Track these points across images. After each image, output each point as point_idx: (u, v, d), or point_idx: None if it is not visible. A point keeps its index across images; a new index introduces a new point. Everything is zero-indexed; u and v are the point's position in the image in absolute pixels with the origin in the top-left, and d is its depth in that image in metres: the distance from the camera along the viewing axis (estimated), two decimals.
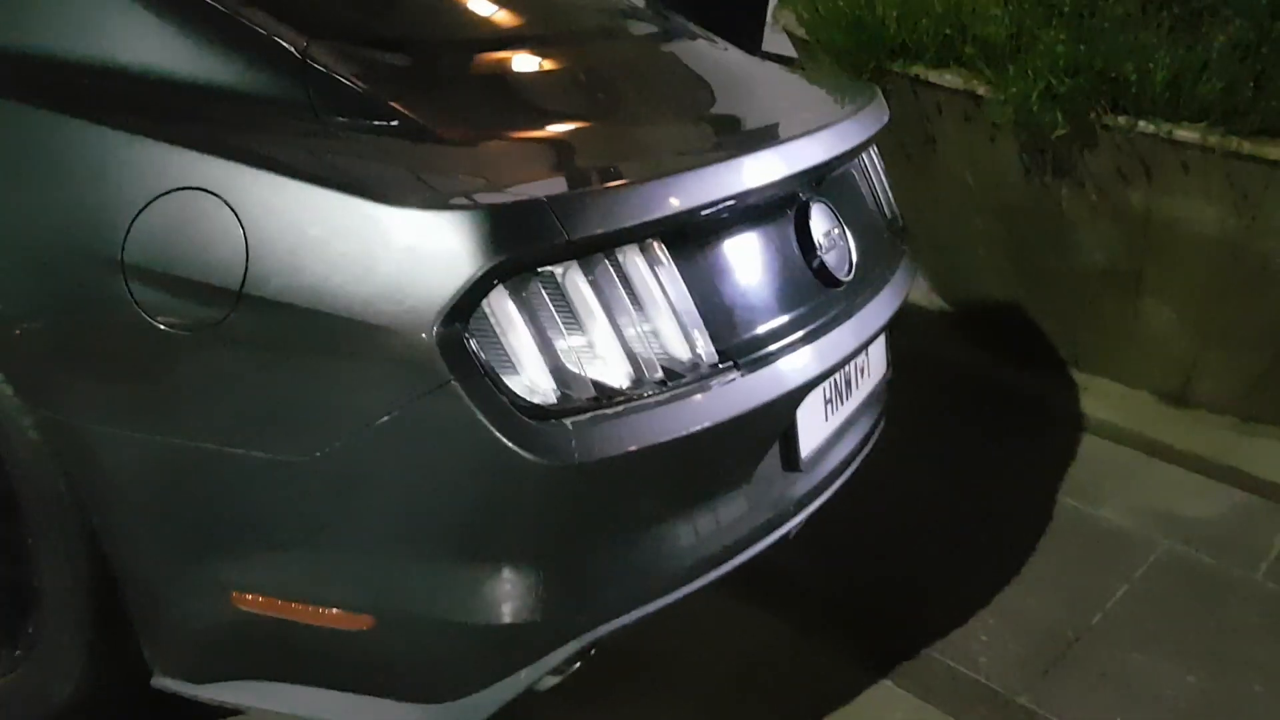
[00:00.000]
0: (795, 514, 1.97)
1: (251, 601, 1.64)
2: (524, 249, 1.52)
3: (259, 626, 1.65)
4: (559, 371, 1.56)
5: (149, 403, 1.61)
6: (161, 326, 1.55)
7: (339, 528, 1.59)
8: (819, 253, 2.01)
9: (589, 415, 1.57)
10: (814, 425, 2.00)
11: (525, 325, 1.53)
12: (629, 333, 1.63)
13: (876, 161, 2.50)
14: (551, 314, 1.56)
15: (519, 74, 2.04)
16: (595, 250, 1.61)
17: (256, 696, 1.72)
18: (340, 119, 1.68)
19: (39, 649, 1.79)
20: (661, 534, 1.72)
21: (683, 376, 1.68)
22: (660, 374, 1.65)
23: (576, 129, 1.90)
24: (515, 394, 1.52)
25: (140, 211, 1.56)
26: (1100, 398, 3.63)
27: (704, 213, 1.75)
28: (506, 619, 1.58)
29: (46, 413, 1.64)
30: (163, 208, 1.56)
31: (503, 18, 2.23)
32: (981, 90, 3.26)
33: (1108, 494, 3.11)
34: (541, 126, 1.89)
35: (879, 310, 2.16)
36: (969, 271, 3.91)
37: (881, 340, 2.32)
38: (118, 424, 1.61)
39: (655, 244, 1.68)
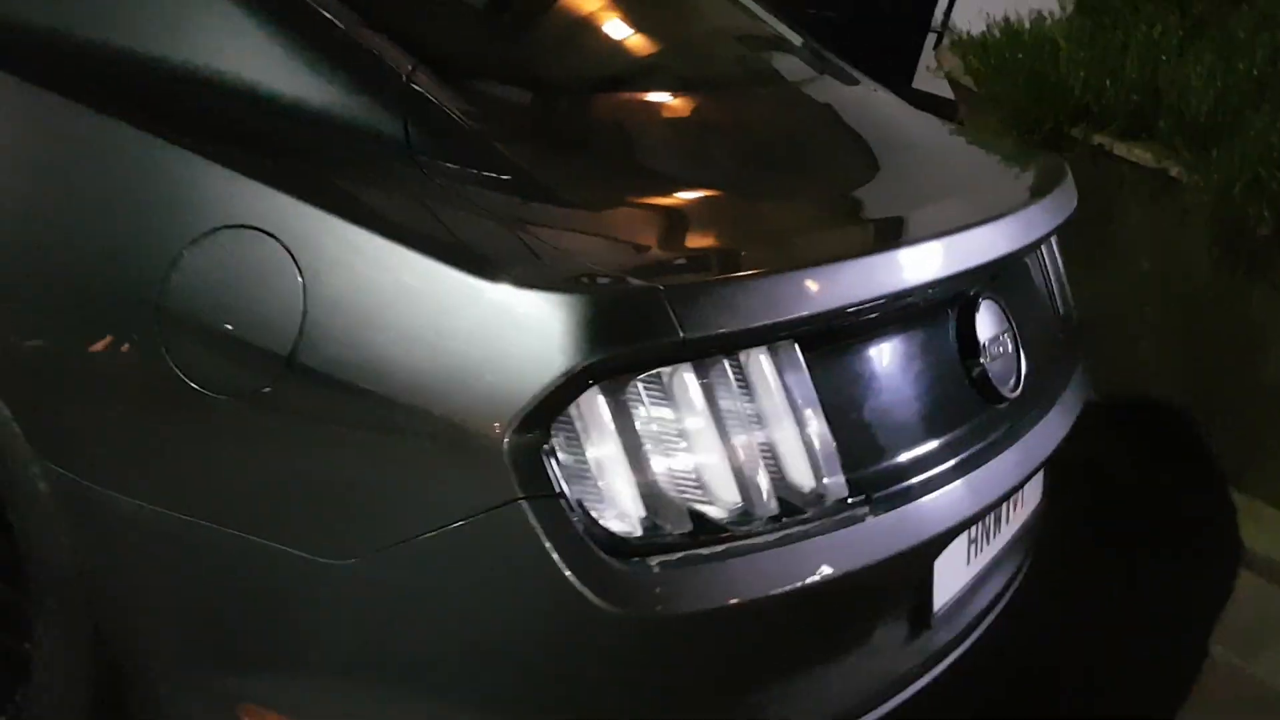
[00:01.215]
0: (919, 676, 1.63)
1: (260, 716, 1.39)
2: (629, 346, 1.23)
3: None
4: (651, 497, 1.26)
5: (171, 472, 1.36)
6: (194, 386, 1.31)
7: (373, 652, 1.32)
8: (983, 361, 1.67)
9: (680, 555, 1.26)
10: (953, 573, 1.65)
11: (617, 437, 1.24)
12: (742, 453, 1.32)
13: (1055, 251, 2.13)
14: (650, 425, 1.26)
15: (654, 125, 1.74)
16: (714, 350, 1.31)
17: None
18: (439, 163, 1.42)
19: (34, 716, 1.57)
20: (752, 705, 1.41)
21: (802, 511, 1.36)
22: (775, 507, 1.34)
23: (711, 199, 1.59)
24: (594, 522, 1.23)
25: (187, 246, 1.32)
26: (1268, 530, 3.17)
27: (852, 312, 1.44)
28: None
29: (55, 465, 1.41)
30: (213, 245, 1.31)
31: (641, 57, 1.93)
32: (1175, 172, 2.86)
33: (1266, 645, 2.67)
34: (671, 193, 1.58)
35: (1048, 434, 1.81)
36: (1132, 365, 3.49)
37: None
38: (132, 491, 1.37)
39: (790, 347, 1.37)
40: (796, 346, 1.37)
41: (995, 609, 1.84)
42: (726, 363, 1.32)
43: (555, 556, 1.19)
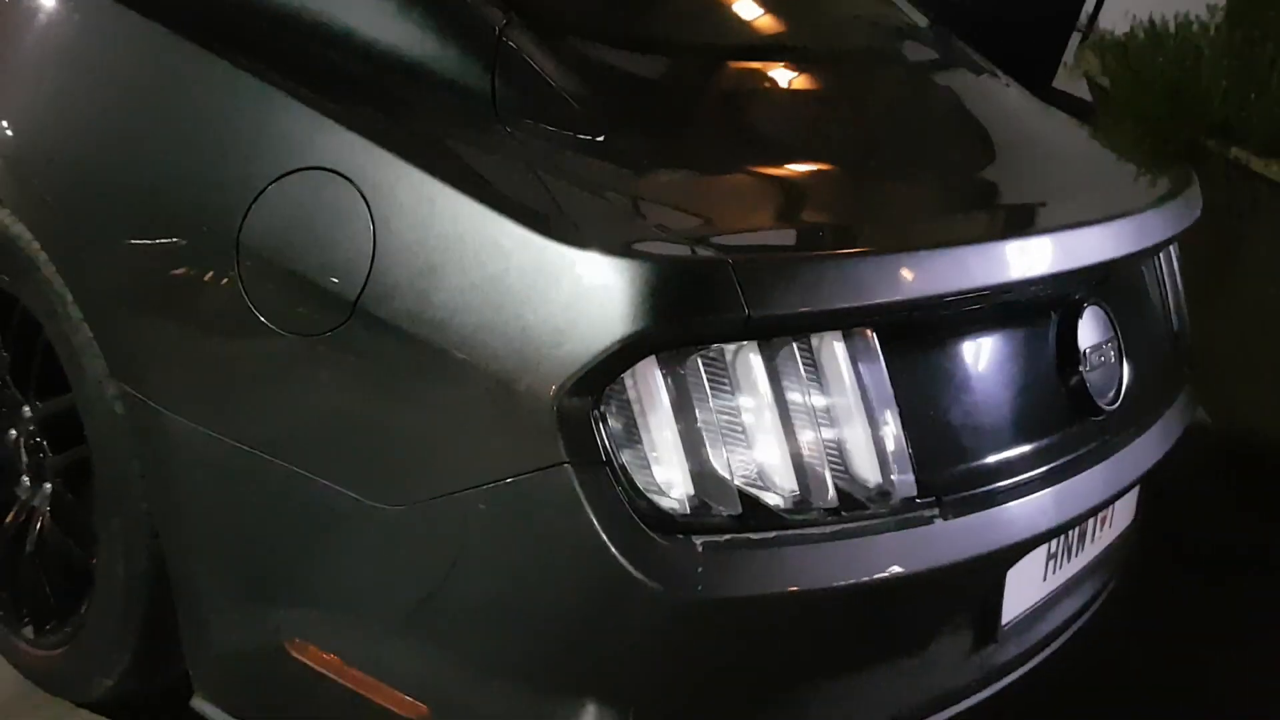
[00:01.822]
0: (978, 690, 1.56)
1: (306, 653, 1.39)
2: (690, 319, 1.19)
3: (308, 681, 1.40)
4: (702, 475, 1.22)
5: (237, 402, 1.38)
6: (264, 321, 1.32)
7: (415, 598, 1.31)
8: (1081, 370, 1.58)
9: (727, 537, 1.22)
10: (1026, 587, 1.57)
11: (671, 411, 1.20)
12: (804, 439, 1.27)
13: (1174, 261, 2.02)
14: (707, 402, 1.22)
15: (756, 94, 1.69)
16: (788, 331, 1.26)
17: None
18: (521, 119, 1.39)
19: (85, 634, 1.62)
20: (793, 702, 1.36)
21: (864, 507, 1.31)
22: (834, 499, 1.29)
23: (802, 176, 1.53)
24: (640, 494, 1.20)
25: (268, 185, 1.32)
26: None
27: (940, 304, 1.37)
28: None
29: (130, 387, 1.44)
30: (293, 185, 1.31)
31: (752, 22, 1.88)
32: None
33: None
34: (761, 167, 1.52)
35: (1144, 452, 1.71)
36: (1251, 400, 3.29)
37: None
38: (199, 418, 1.39)
39: (867, 334, 1.31)
40: (874, 335, 1.31)
41: (1071, 628, 1.75)
42: (796, 346, 1.27)
43: (596, 524, 1.17)
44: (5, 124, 1.56)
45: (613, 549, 1.17)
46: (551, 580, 1.23)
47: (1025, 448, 1.50)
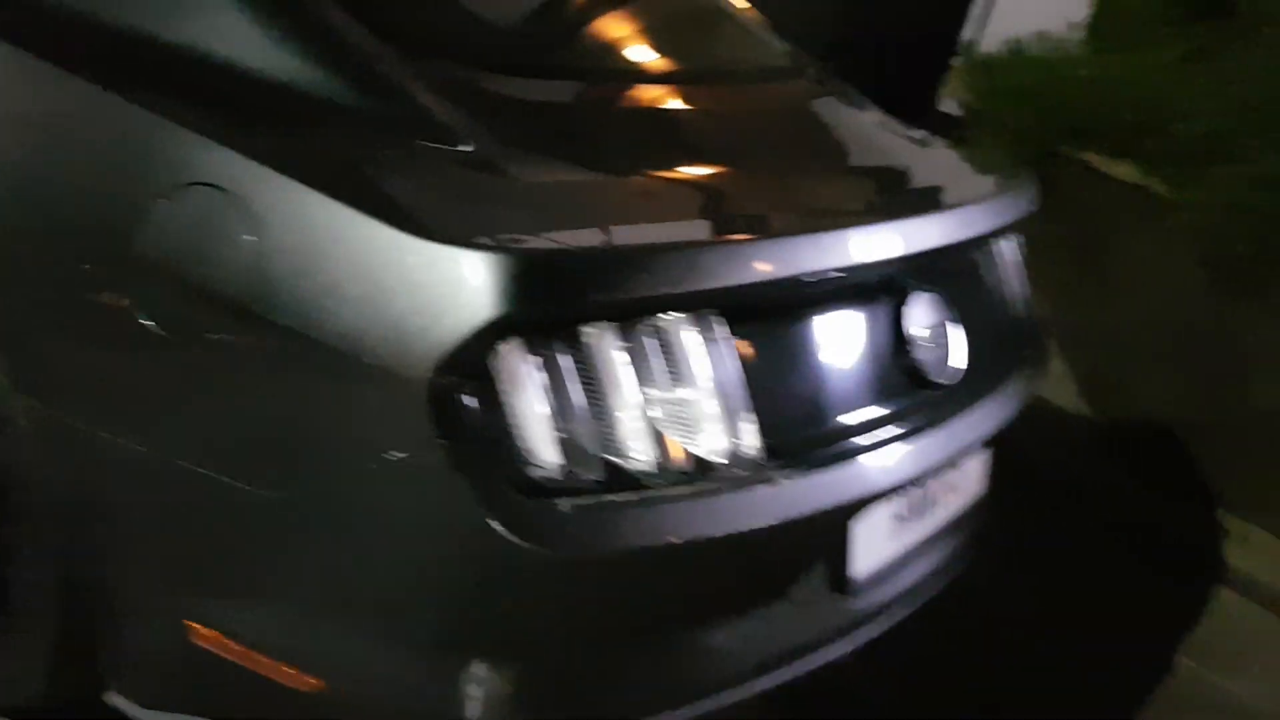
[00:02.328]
0: (837, 640, 1.71)
1: (207, 637, 1.50)
2: (543, 303, 1.34)
3: (212, 665, 1.50)
4: (569, 445, 1.36)
5: (135, 408, 1.49)
6: (153, 329, 1.43)
7: (302, 579, 1.43)
8: (912, 349, 1.75)
9: (593, 500, 1.36)
10: (876, 544, 1.73)
11: (535, 386, 1.34)
12: (659, 411, 1.42)
13: (1016, 254, 2.21)
14: (569, 377, 1.36)
15: (615, 111, 1.87)
16: (638, 314, 1.41)
17: None
18: (399, 136, 1.54)
19: (4, 640, 1.70)
20: (660, 647, 1.50)
21: (716, 470, 1.46)
22: (688, 463, 1.44)
23: (657, 178, 1.70)
24: (511, 464, 1.33)
25: (155, 201, 1.45)
26: (1254, 552, 3.17)
27: (778, 288, 1.53)
28: (459, 713, 1.39)
29: (35, 400, 1.54)
30: (177, 201, 1.44)
31: (611, 48, 2.05)
32: (1161, 190, 2.92)
33: (1244, 665, 2.69)
34: (623, 171, 1.69)
35: (980, 420, 1.88)
36: (1125, 383, 3.53)
37: (981, 455, 2.03)
38: (98, 424, 1.50)
39: (713, 316, 1.47)
40: (719, 316, 1.47)
41: (930, 589, 1.91)
42: (649, 326, 1.42)
43: (470, 493, 1.30)
44: None
45: (485, 513, 1.30)
46: (433, 550, 1.36)
47: (863, 415, 1.67)
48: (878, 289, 1.74)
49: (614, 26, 2.11)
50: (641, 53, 2.10)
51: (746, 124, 2.02)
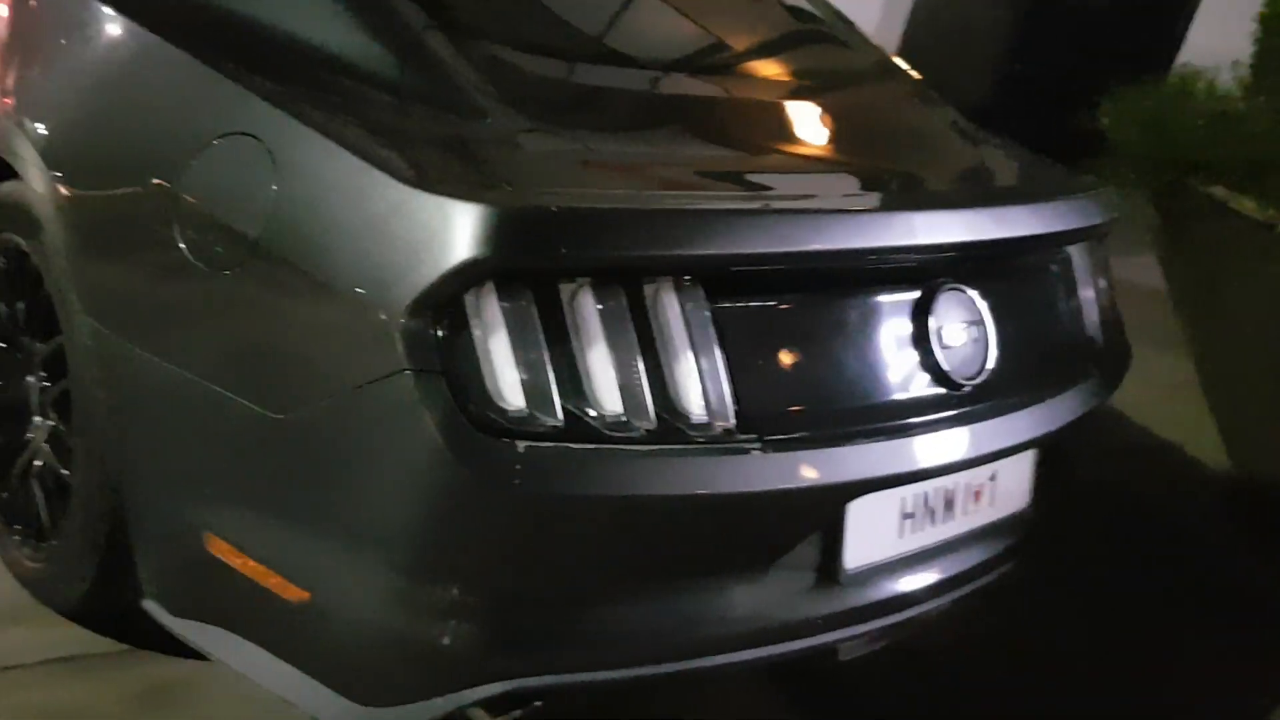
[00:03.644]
0: (824, 630, 1.70)
1: (219, 547, 1.64)
2: (517, 253, 1.41)
3: (224, 573, 1.64)
4: (534, 389, 1.43)
5: (170, 328, 1.66)
6: (190, 258, 1.60)
7: (295, 495, 1.55)
8: (933, 344, 1.73)
9: (549, 444, 1.42)
10: (875, 538, 1.71)
11: (504, 329, 1.42)
12: (629, 369, 1.47)
13: (1088, 265, 2.13)
14: (539, 327, 1.43)
15: (633, 93, 1.93)
16: (614, 274, 1.47)
17: (215, 644, 1.70)
18: (426, 104, 1.66)
19: (61, 544, 1.90)
20: (624, 602, 1.54)
21: (682, 433, 1.49)
22: (652, 423, 1.48)
23: (660, 154, 1.77)
24: (472, 400, 1.41)
25: (204, 147, 1.61)
26: None
27: (767, 263, 1.56)
28: (422, 636, 1.47)
29: (96, 321, 1.73)
30: (221, 147, 1.60)
31: (631, 35, 2.13)
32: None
33: None
34: (634, 145, 1.77)
35: (1016, 428, 1.84)
36: (1256, 431, 3.30)
37: (1023, 467, 1.96)
38: (143, 343, 1.68)
39: (693, 282, 1.51)
40: (696, 284, 1.50)
41: (940, 597, 1.86)
42: (624, 287, 1.47)
43: (430, 423, 1.38)
44: (39, 125, 1.90)
45: (443, 442, 1.38)
46: (395, 472, 1.45)
47: (866, 403, 1.67)
48: (900, 279, 1.73)
49: (648, 13, 2.19)
50: (662, 38, 2.17)
51: (771, 110, 2.05)
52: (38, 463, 2.01)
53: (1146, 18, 6.38)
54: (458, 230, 1.38)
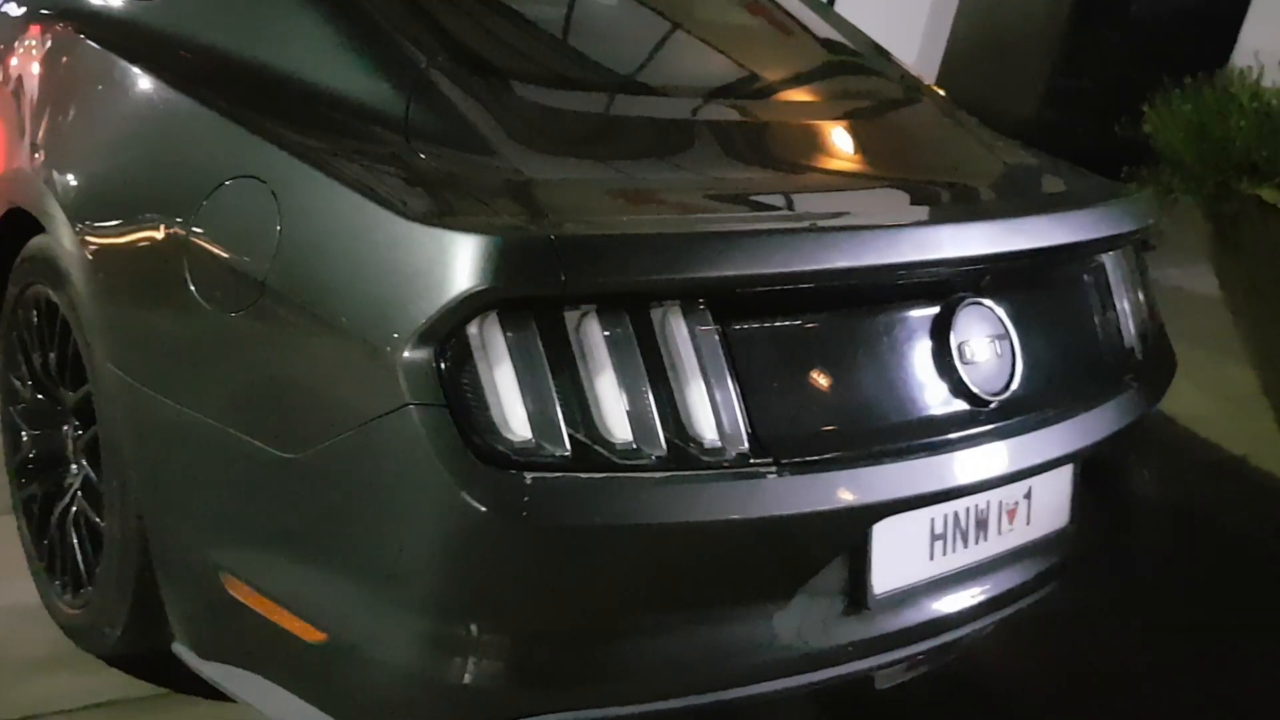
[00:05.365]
0: (854, 657, 1.65)
1: (238, 588, 1.64)
2: (519, 282, 1.40)
3: (244, 615, 1.64)
4: (540, 419, 1.41)
5: (186, 373, 1.68)
6: (201, 302, 1.62)
7: (309, 535, 1.55)
8: (956, 359, 1.69)
9: (557, 475, 1.40)
10: (905, 561, 1.66)
11: (508, 360, 1.40)
12: (638, 395, 1.45)
13: (1124, 272, 2.07)
14: (545, 356, 1.42)
15: (639, 125, 1.93)
16: (620, 300, 1.45)
17: (241, 686, 1.71)
18: (432, 142, 1.67)
19: (96, 590, 1.92)
20: (645, 634, 1.50)
21: (695, 459, 1.46)
22: (663, 450, 1.45)
23: (664, 189, 1.75)
24: (477, 432, 1.40)
25: (213, 191, 1.64)
26: None
27: (775, 284, 1.54)
28: (441, 675, 1.45)
29: (118, 368, 1.76)
30: (228, 191, 1.62)
31: (635, 65, 2.12)
32: None
33: None
34: (640, 181, 1.76)
35: (1049, 443, 1.78)
36: None
37: (1061, 484, 1.90)
38: (162, 388, 1.70)
39: (700, 306, 1.49)
40: (705, 308, 1.48)
41: (977, 620, 1.80)
42: (630, 313, 1.46)
43: (434, 455, 1.37)
44: (64, 178, 1.96)
45: (449, 476, 1.37)
46: (403, 509, 1.44)
47: (886, 423, 1.63)
48: (920, 294, 1.69)
49: (649, 41, 2.18)
50: (667, 67, 2.16)
51: (780, 131, 2.03)
52: (74, 510, 2.04)
53: (1196, 23, 6.27)
54: (457, 262, 1.37)
